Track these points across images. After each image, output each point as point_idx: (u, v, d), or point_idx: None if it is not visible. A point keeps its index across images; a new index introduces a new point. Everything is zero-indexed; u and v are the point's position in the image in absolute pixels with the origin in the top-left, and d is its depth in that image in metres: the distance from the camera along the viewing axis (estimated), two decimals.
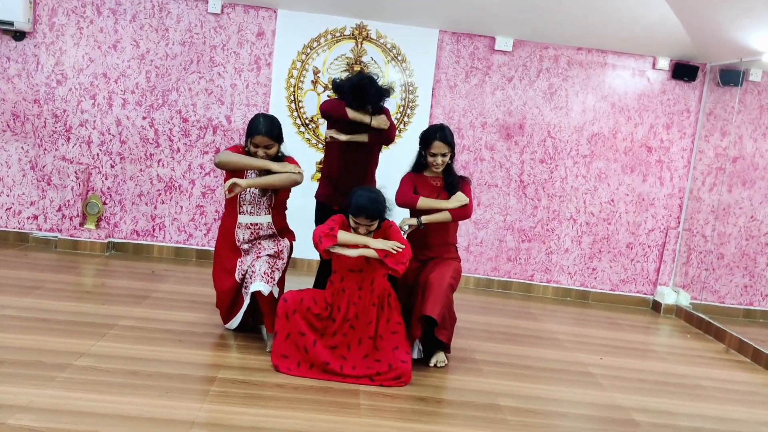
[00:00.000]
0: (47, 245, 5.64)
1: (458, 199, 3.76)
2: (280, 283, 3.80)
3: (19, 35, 5.47)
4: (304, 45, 5.63)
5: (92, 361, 3.27)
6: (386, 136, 4.05)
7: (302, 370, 3.38)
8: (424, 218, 3.77)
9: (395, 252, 3.37)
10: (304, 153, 5.61)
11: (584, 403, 3.51)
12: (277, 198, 3.82)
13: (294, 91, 5.66)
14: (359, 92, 3.90)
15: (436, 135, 3.79)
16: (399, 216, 3.76)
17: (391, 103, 5.67)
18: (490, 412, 3.21)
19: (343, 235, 3.41)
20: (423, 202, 3.76)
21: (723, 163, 5.72)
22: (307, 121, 5.70)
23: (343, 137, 3.97)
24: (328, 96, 5.44)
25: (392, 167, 4.32)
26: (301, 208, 4.35)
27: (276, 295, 3.70)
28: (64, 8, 5.50)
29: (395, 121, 5.66)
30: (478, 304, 5.37)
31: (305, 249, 4.31)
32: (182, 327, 3.95)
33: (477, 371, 3.77)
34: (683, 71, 5.71)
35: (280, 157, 3.85)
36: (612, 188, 5.89)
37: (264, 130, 3.69)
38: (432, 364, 3.75)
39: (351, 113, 3.91)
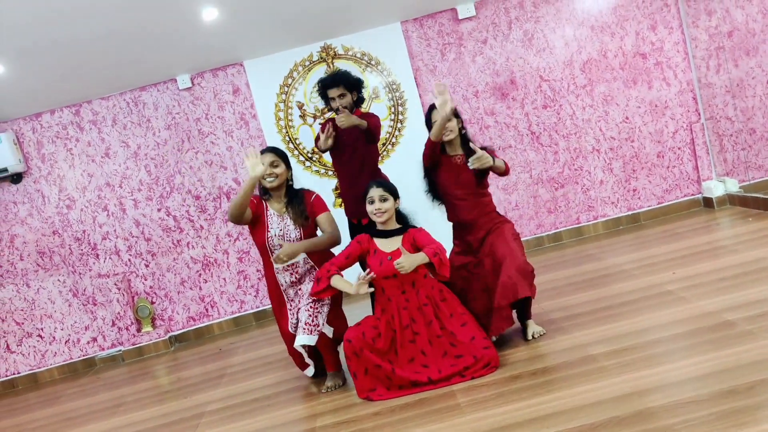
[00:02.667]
0: (114, 361, 5.72)
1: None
2: (335, 318, 3.73)
3: (16, 178, 5.58)
4: (280, 85, 5.65)
5: None
6: (372, 126, 4.11)
7: (393, 393, 3.36)
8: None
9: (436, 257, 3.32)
10: (317, 183, 5.63)
11: (673, 322, 3.43)
12: (305, 232, 3.73)
13: (287, 132, 5.68)
14: (325, 79, 4.14)
15: (435, 106, 3.64)
16: (425, 224, 3.75)
17: (382, 107, 5.66)
18: (586, 365, 3.16)
19: (336, 281, 3.45)
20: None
21: (720, 42, 5.59)
22: (309, 155, 5.71)
23: (340, 122, 3.98)
24: (320, 124, 5.45)
25: (401, 168, 4.30)
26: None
27: (330, 335, 3.65)
28: (48, 137, 5.60)
29: (389, 122, 5.66)
30: (535, 264, 5.21)
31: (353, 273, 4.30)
32: (267, 391, 3.96)
33: (559, 330, 3.72)
34: None
35: (296, 190, 3.78)
36: (622, 107, 5.80)
37: (268, 149, 3.74)
38: (530, 337, 3.68)
39: (339, 119, 4.00)
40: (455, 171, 3.72)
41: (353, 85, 4.14)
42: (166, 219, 5.73)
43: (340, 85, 4.08)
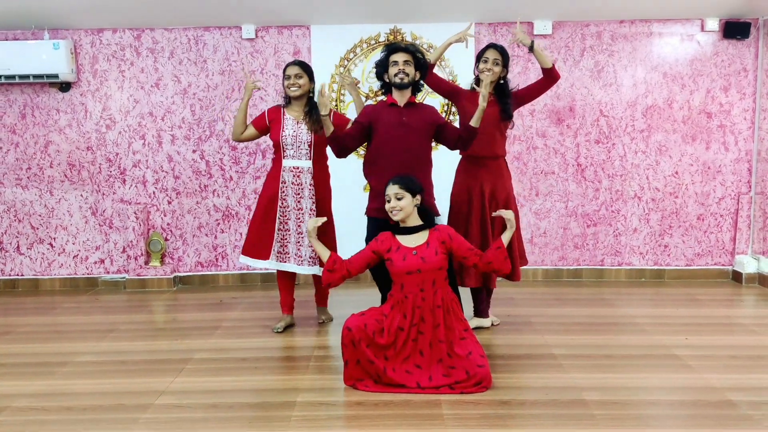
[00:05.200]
0: (116, 287, 5.76)
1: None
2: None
3: (65, 86, 5.61)
4: (340, 57, 5.60)
5: (173, 398, 3.29)
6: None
7: (379, 387, 3.32)
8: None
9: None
10: (355, 164, 5.57)
11: (674, 388, 3.35)
12: (315, 138, 4.23)
13: (337, 105, 5.64)
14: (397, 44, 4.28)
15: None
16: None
17: (436, 103, 5.58)
18: (576, 409, 3.10)
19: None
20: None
21: None
22: None
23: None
24: (373, 102, 5.39)
25: (444, 166, 4.25)
26: (351, 231, 4.29)
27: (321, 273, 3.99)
28: (104, 54, 5.61)
29: None
30: (549, 297, 5.24)
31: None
32: (256, 353, 3.95)
33: (557, 367, 3.65)
34: (734, 29, 5.45)
35: (316, 102, 4.17)
36: (674, 160, 5.67)
37: (293, 62, 4.23)
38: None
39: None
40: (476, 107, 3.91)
41: (422, 63, 3.94)
42: (198, 162, 5.73)
43: (411, 54, 3.88)
